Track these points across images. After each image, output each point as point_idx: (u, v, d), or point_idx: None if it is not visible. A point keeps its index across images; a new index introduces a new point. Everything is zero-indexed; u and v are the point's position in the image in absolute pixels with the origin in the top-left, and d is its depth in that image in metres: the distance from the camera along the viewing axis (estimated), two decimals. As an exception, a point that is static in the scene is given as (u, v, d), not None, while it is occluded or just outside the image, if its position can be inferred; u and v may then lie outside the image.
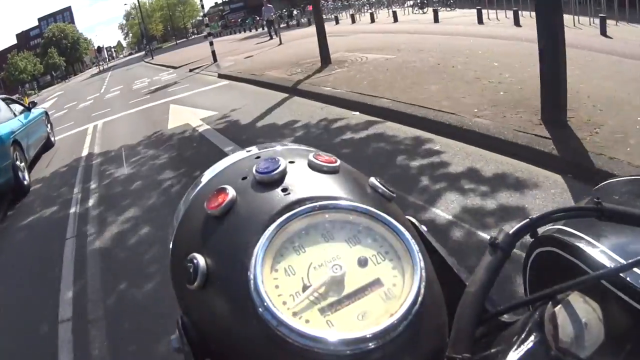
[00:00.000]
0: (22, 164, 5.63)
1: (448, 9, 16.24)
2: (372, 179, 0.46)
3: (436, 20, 13.29)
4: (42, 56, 67.64)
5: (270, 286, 0.35)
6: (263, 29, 31.82)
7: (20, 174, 5.39)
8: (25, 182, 5.53)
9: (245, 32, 35.35)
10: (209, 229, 0.41)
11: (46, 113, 8.64)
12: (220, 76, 11.48)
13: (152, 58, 33.73)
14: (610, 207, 0.42)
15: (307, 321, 0.34)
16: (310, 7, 30.84)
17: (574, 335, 0.34)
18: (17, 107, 6.89)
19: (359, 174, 0.48)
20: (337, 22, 20.70)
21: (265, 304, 0.34)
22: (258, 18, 40.18)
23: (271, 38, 18.39)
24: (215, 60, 14.96)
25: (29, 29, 79.77)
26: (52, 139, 8.50)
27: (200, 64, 15.76)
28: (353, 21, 19.67)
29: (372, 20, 17.82)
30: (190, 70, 15.11)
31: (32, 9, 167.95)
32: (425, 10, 16.69)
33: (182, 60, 20.56)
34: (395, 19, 15.91)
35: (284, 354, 0.33)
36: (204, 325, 0.39)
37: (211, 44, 14.72)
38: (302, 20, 26.97)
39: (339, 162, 0.46)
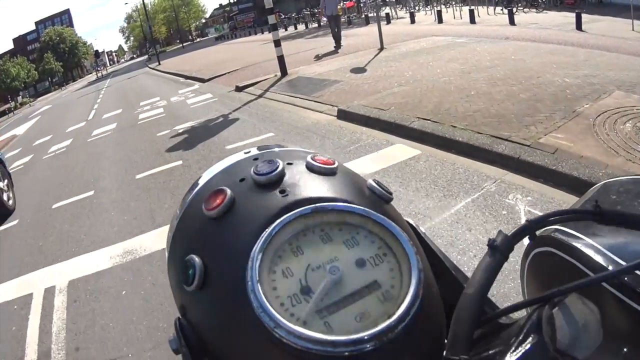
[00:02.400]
0: None
1: (534, 10, 14.27)
2: (370, 181, 0.45)
3: (579, 27, 9.43)
4: (39, 61, 63.80)
5: (268, 288, 0.35)
6: (295, 28, 26.01)
7: None
8: None
9: (259, 33, 30.77)
10: (206, 230, 0.40)
11: None
12: (345, 117, 5.16)
13: (159, 63, 27.50)
14: (609, 210, 0.41)
15: (304, 323, 0.33)
16: (348, 5, 25.46)
17: (572, 337, 0.33)
18: None
19: (357, 176, 0.48)
20: (388, 22, 16.65)
21: (262, 305, 0.33)
22: (283, 16, 34.44)
23: (339, 45, 11.55)
24: (284, 72, 8.66)
25: (26, 33, 78.03)
26: (10, 202, 5.27)
27: (250, 77, 9.47)
28: (413, 21, 15.81)
29: (474, 20, 13.54)
30: (238, 89, 8.81)
31: (31, 12, 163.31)
32: (514, 10, 13.75)
33: (206, 69, 14.29)
34: (512, 22, 11.48)
35: (281, 356, 0.33)
36: (201, 327, 0.38)
37: (277, 44, 8.38)
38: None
39: (336, 163, 0.46)
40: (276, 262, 0.36)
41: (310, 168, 0.44)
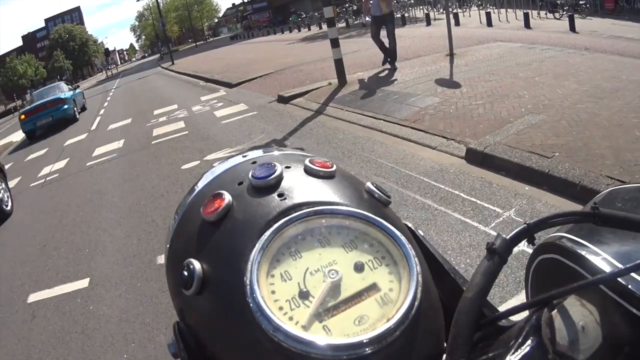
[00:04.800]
0: (75, 109, 12.91)
1: (577, 15, 13.00)
2: (369, 184, 0.45)
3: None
4: (48, 59, 62.34)
5: (267, 292, 0.34)
6: (320, 28, 23.94)
7: (76, 114, 12.83)
8: (78, 117, 12.92)
9: (279, 33, 29.75)
10: (205, 234, 0.40)
11: (82, 93, 15.35)
12: (482, 161, 3.08)
13: (173, 63, 25.72)
14: (607, 212, 0.41)
15: (303, 326, 0.33)
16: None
17: (571, 339, 0.33)
18: (69, 87, 13.87)
19: (355, 179, 0.47)
20: (428, 23, 15.06)
21: (261, 309, 0.33)
22: (304, 15, 32.48)
23: (394, 59, 7.90)
24: (343, 80, 6.73)
25: (35, 30, 77.32)
26: (85, 106, 15.33)
27: (294, 84, 7.57)
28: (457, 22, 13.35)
29: (529, 25, 11.38)
30: (282, 100, 6.90)
31: (41, 10, 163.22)
32: (558, 15, 13.13)
33: (230, 71, 12.43)
34: (573, 28, 9.88)
35: None
36: (200, 331, 0.38)
37: (335, 43, 6.44)
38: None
39: (335, 167, 0.45)
40: (275, 266, 0.36)
41: (309, 171, 0.43)
